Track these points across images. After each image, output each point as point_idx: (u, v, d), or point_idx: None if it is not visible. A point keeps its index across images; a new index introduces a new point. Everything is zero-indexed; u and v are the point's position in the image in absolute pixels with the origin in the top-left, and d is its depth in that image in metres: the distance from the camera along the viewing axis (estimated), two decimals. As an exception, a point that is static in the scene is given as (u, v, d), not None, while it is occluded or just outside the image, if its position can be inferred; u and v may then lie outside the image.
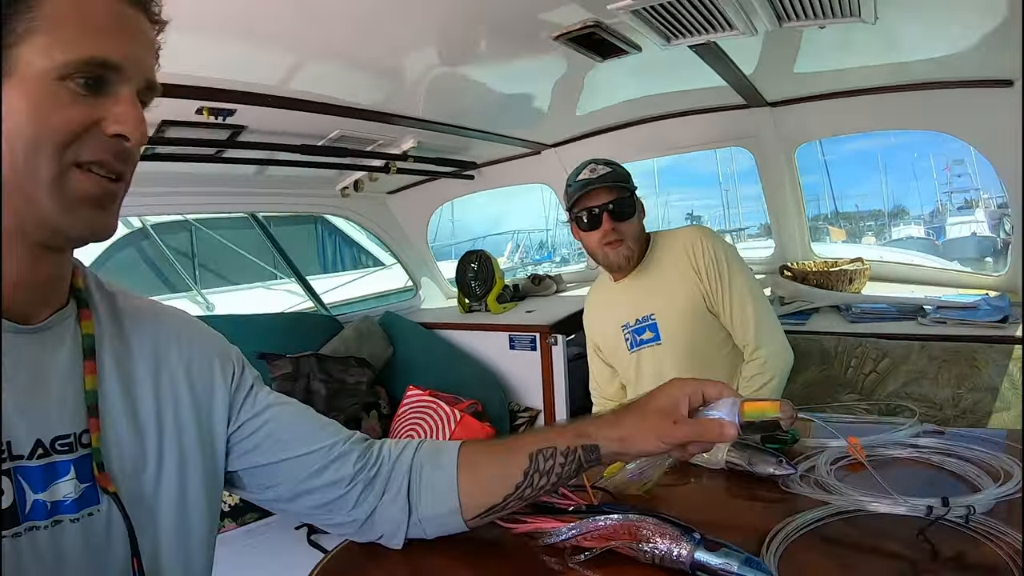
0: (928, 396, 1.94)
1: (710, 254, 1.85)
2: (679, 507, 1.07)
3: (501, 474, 0.92)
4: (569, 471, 0.90)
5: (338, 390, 2.98)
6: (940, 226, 7.01)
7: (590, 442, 0.89)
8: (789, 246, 3.12)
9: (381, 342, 3.43)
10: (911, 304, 2.37)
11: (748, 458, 1.10)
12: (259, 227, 3.65)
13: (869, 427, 1.31)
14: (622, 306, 1.98)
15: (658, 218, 9.21)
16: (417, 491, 0.93)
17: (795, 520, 0.92)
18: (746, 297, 1.83)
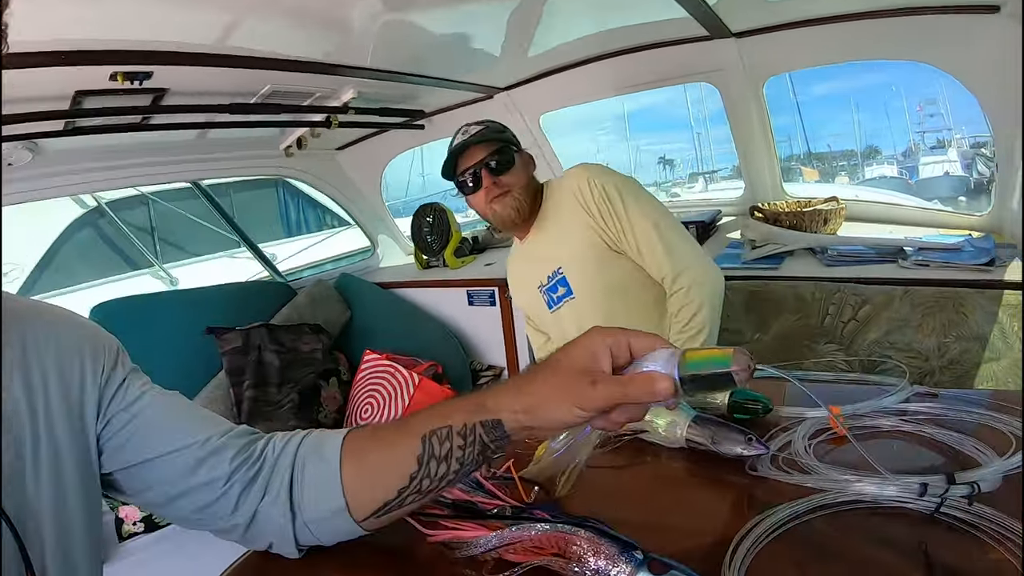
0: (912, 346, 1.78)
1: (599, 191, 1.70)
2: (628, 498, 0.90)
3: (391, 463, 0.76)
4: (472, 455, 0.74)
5: (292, 360, 2.87)
6: (913, 166, 6.95)
7: (490, 416, 0.72)
8: (759, 186, 2.94)
9: (337, 306, 3.30)
10: (891, 246, 2.20)
11: (711, 435, 0.93)
12: (204, 196, 3.43)
13: (852, 389, 1.15)
14: (534, 266, 1.87)
15: (629, 163, 9.03)
16: (300, 490, 0.80)
17: (767, 518, 0.75)
18: (648, 228, 1.67)
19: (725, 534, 0.73)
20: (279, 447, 0.82)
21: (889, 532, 0.72)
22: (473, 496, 0.88)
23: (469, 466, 0.75)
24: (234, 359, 2.75)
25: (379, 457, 0.78)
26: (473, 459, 0.74)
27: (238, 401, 2.69)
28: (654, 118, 10.86)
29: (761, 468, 0.86)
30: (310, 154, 3.16)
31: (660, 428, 0.98)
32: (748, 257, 2.37)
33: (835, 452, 0.91)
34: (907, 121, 7.82)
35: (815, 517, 0.76)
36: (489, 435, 0.72)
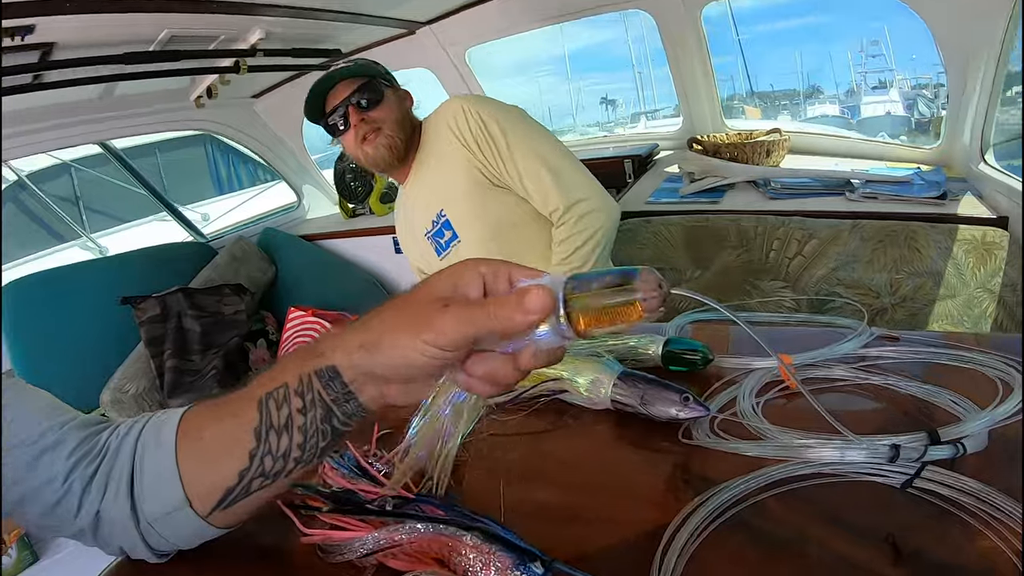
0: (862, 282, 1.66)
1: (475, 121, 1.52)
2: (541, 475, 0.73)
3: (228, 441, 0.59)
4: (316, 419, 0.56)
5: (214, 324, 2.70)
6: (855, 105, 6.97)
7: (324, 363, 0.54)
8: (699, 118, 2.80)
9: (260, 263, 3.11)
10: (837, 178, 2.08)
11: (640, 395, 0.76)
12: (115, 158, 3.17)
13: (802, 333, 1.01)
14: (418, 212, 1.70)
15: (571, 104, 8.85)
16: (140, 483, 0.63)
17: (707, 500, 0.59)
18: (532, 159, 1.51)
19: (657, 523, 0.58)
20: (122, 434, 0.65)
21: (853, 514, 0.58)
22: (357, 484, 0.71)
23: (316, 439, 0.57)
24: (152, 328, 2.58)
25: (215, 434, 0.61)
26: (317, 427, 0.56)
27: (160, 373, 2.53)
28: (595, 58, 10.66)
29: (698, 433, 0.71)
30: (224, 104, 2.93)
31: (581, 387, 0.82)
32: (687, 191, 2.23)
33: (787, 409, 0.77)
34: (849, 61, 7.84)
35: (766, 497, 0.61)
36: (328, 390, 0.54)
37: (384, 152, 1.55)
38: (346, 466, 0.74)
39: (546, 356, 0.49)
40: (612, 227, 1.55)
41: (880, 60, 7.57)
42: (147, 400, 2.44)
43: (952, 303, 1.59)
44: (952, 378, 0.76)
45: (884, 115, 6.65)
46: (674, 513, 0.59)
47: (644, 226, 1.95)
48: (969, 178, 1.92)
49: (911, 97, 6.01)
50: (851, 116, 6.87)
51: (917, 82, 5.99)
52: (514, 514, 0.65)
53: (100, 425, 0.67)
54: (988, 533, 0.52)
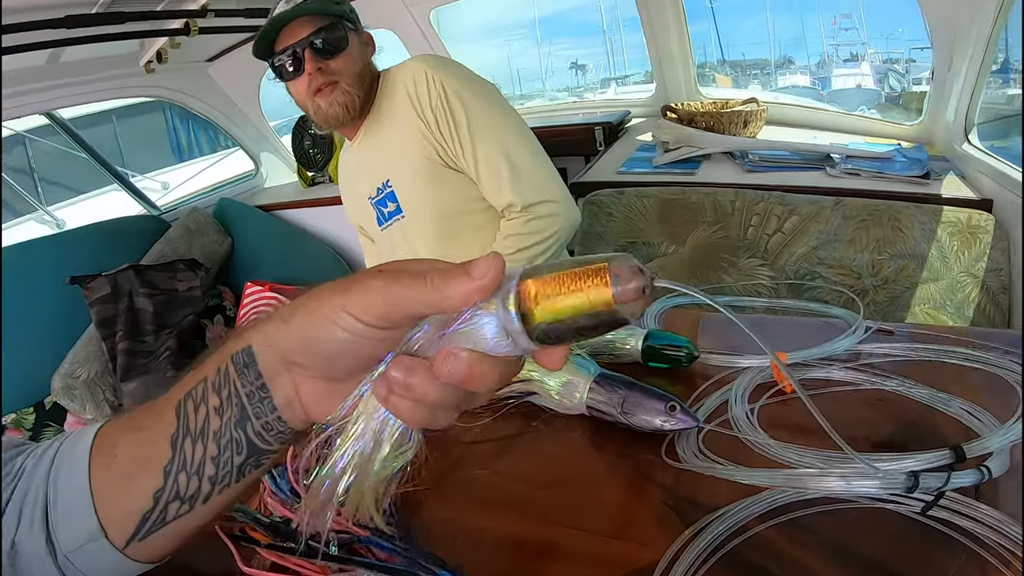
0: (843, 262, 1.59)
1: (437, 92, 1.35)
2: (505, 495, 0.64)
3: (143, 454, 0.48)
4: (231, 422, 0.45)
5: (167, 302, 2.56)
6: (826, 76, 6.95)
7: (241, 344, 0.44)
8: (673, 84, 2.70)
9: (216, 236, 2.95)
10: (816, 152, 2.01)
11: (620, 402, 0.68)
12: (62, 129, 2.98)
13: (794, 323, 0.94)
14: (363, 175, 1.52)
15: (541, 68, 8.68)
16: (54, 510, 0.51)
17: (701, 531, 0.52)
18: (493, 146, 1.35)
19: (643, 561, 0.50)
20: (38, 455, 0.54)
21: (864, 545, 0.51)
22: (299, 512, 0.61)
23: (231, 451, 0.46)
24: (103, 309, 2.43)
25: (129, 448, 0.49)
26: (231, 435, 0.46)
27: (112, 356, 2.38)
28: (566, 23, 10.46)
29: (685, 451, 0.62)
30: (176, 69, 2.76)
31: (552, 390, 0.73)
32: (660, 161, 2.14)
33: (783, 415, 0.69)
34: (822, 33, 7.81)
35: (766, 527, 0.53)
36: (243, 379, 0.44)
37: (339, 110, 1.38)
38: (284, 491, 0.65)
39: (478, 366, 0.36)
40: (568, 233, 1.42)
41: (852, 33, 7.56)
42: (100, 385, 2.31)
43: (935, 287, 1.53)
44: (958, 380, 0.70)
45: (855, 88, 6.65)
46: (662, 548, 0.51)
47: (616, 198, 1.85)
48: (951, 157, 1.86)
49: (882, 71, 6.02)
50: (822, 87, 6.86)
51: (888, 56, 5.99)
52: (478, 550, 0.57)
53: (18, 448, 0.56)
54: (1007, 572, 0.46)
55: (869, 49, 6.69)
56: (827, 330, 0.83)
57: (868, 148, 2.02)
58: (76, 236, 2.77)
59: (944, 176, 1.72)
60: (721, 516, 0.53)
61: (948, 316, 1.52)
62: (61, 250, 2.60)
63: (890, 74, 5.57)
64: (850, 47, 7.19)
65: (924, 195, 1.63)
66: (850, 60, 7.00)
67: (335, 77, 1.35)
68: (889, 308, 1.56)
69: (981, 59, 1.65)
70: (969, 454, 0.53)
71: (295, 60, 1.34)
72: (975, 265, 1.50)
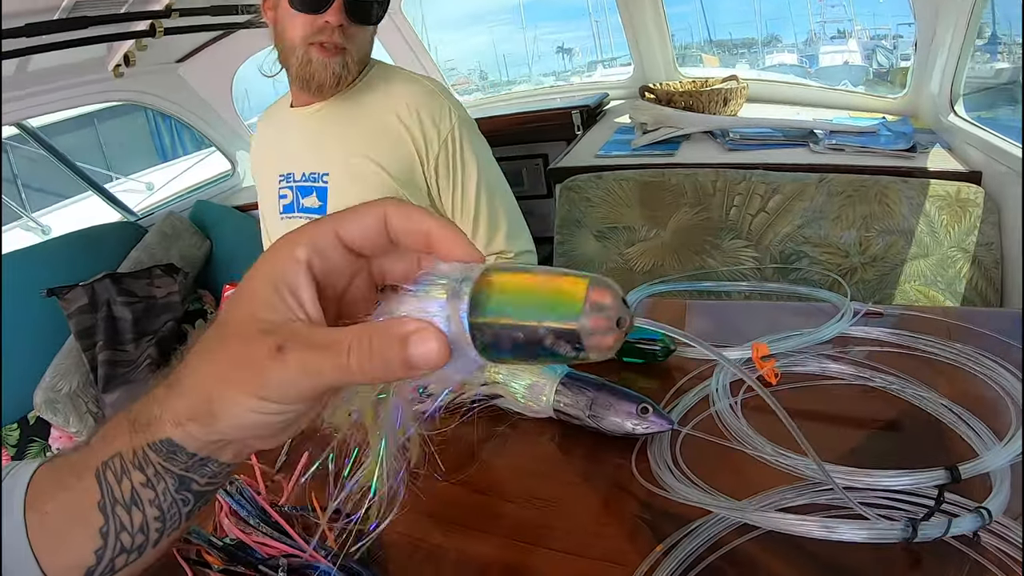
0: (830, 240, 1.54)
1: (447, 129, 1.25)
2: (467, 507, 0.59)
3: (73, 517, 0.44)
4: (169, 490, 0.40)
5: (146, 309, 2.49)
6: (813, 54, 6.92)
7: (155, 437, 0.38)
8: (651, 64, 2.64)
9: (193, 239, 2.89)
10: (800, 128, 1.96)
11: (588, 404, 0.63)
12: (32, 138, 2.93)
13: (779, 308, 0.89)
14: (290, 146, 1.34)
15: (527, 53, 8.65)
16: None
17: (675, 546, 0.47)
18: (479, 191, 1.28)
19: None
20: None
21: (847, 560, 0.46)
22: (252, 535, 0.58)
23: (177, 508, 0.42)
24: (82, 320, 2.37)
25: (58, 507, 0.45)
26: (172, 498, 0.41)
27: (93, 367, 2.33)
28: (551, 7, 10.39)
29: (657, 462, 0.57)
30: (145, 71, 2.65)
31: (517, 393, 0.68)
32: (639, 143, 2.08)
33: (765, 407, 0.64)
34: (808, 10, 7.79)
35: (744, 540, 0.48)
36: (173, 463, 0.39)
37: (331, 78, 1.21)
38: (246, 507, 0.60)
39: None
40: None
41: (839, 10, 7.54)
42: (82, 397, 2.26)
43: (925, 263, 1.48)
44: (949, 377, 0.65)
45: (842, 65, 6.64)
46: (633, 565, 0.47)
47: (595, 182, 1.80)
48: (937, 129, 1.81)
49: (870, 47, 6.01)
50: (809, 65, 6.84)
51: (876, 32, 5.98)
52: (437, 570, 0.52)
53: None
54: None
55: (856, 25, 6.66)
56: (814, 314, 0.78)
57: (852, 123, 1.98)
58: (52, 247, 2.71)
59: (931, 149, 1.67)
60: (696, 530, 0.48)
61: (939, 292, 1.48)
62: (37, 262, 2.53)
63: (878, 50, 5.55)
64: (837, 24, 7.17)
65: (910, 169, 1.58)
66: (837, 37, 6.97)
67: (347, 44, 1.20)
68: (878, 286, 1.51)
69: (965, 29, 1.60)
70: (965, 475, 0.49)
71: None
72: (966, 239, 1.45)
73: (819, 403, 0.66)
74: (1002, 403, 0.59)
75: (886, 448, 0.59)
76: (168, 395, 0.37)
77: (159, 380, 0.39)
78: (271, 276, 0.34)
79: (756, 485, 0.52)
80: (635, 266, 1.75)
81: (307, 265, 0.34)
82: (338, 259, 0.35)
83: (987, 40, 2.27)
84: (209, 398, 0.35)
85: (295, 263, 0.34)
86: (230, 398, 0.34)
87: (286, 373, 0.32)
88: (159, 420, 0.38)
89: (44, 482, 0.46)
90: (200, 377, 0.36)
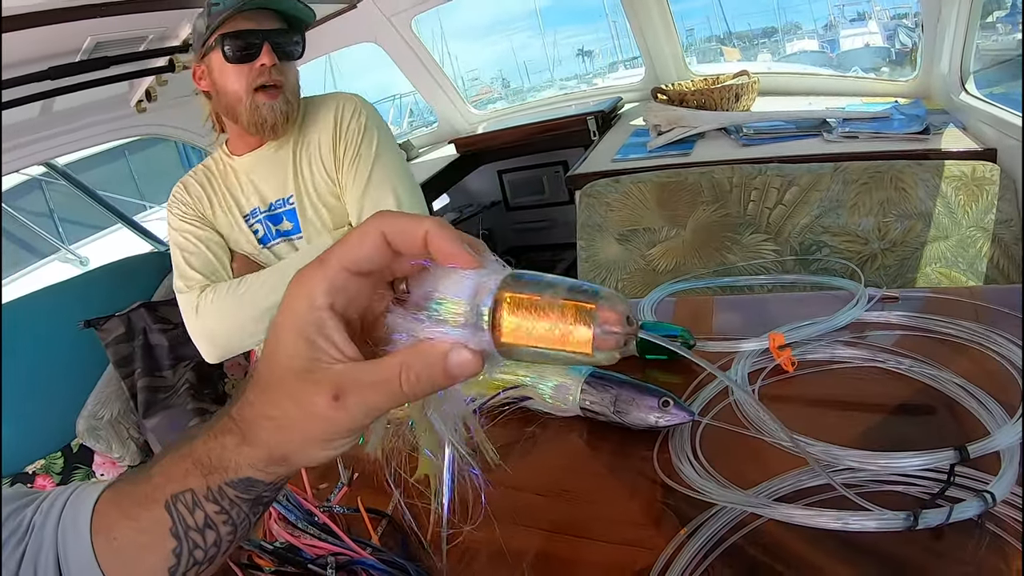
0: (848, 228, 1.55)
1: (359, 122, 1.39)
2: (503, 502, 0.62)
3: (144, 544, 0.48)
4: (243, 513, 0.46)
5: (181, 335, 2.51)
6: (834, 39, 6.85)
7: (236, 476, 0.43)
8: (661, 66, 2.66)
9: (224, 265, 2.93)
10: (812, 119, 1.97)
11: (612, 400, 0.66)
12: (62, 176, 3.08)
13: (795, 298, 0.91)
14: (242, 188, 1.45)
15: (547, 58, 8.69)
16: (67, 571, 0.51)
17: (698, 529, 0.50)
18: (384, 187, 1.38)
19: (641, 564, 0.48)
20: (44, 511, 0.54)
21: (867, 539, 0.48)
22: (301, 538, 0.62)
23: (248, 519, 0.47)
24: (120, 349, 2.42)
25: (128, 536, 0.49)
26: (246, 515, 0.46)
27: (132, 394, 2.39)
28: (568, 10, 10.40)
29: (678, 452, 0.60)
30: (167, 105, 2.72)
31: (546, 394, 0.71)
32: (654, 145, 2.10)
33: (782, 394, 0.67)
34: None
35: (765, 521, 0.51)
36: (250, 492, 0.44)
37: (279, 117, 1.33)
38: (294, 512, 0.65)
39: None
40: None
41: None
42: (123, 423, 2.33)
43: (945, 244, 1.48)
44: (962, 352, 0.67)
45: (863, 47, 6.54)
46: (660, 549, 0.49)
47: (613, 186, 1.82)
48: (950, 109, 1.80)
49: (891, 28, 5.91)
50: (831, 50, 6.75)
51: (896, 12, 5.88)
52: (474, 561, 0.55)
53: (25, 500, 0.56)
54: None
55: (875, 6, 6.57)
56: (833, 303, 0.80)
57: (865, 109, 1.98)
58: (86, 280, 2.78)
59: (944, 130, 1.67)
60: (718, 513, 0.51)
61: (961, 273, 1.48)
62: (74, 295, 2.60)
63: (899, 30, 5.47)
64: (855, 6, 7.08)
65: (924, 151, 1.58)
66: (857, 20, 6.89)
67: (281, 81, 1.32)
68: (900, 271, 1.51)
69: (970, 5, 1.60)
70: (974, 453, 0.51)
71: (249, 45, 1.29)
72: (984, 218, 1.46)
73: (835, 388, 0.68)
74: (1014, 380, 0.61)
75: (900, 429, 0.61)
76: (241, 446, 0.41)
77: (217, 423, 0.43)
78: (300, 329, 0.36)
79: (773, 470, 0.55)
80: (658, 266, 1.78)
81: (330, 309, 0.36)
82: (354, 289, 0.37)
83: (1007, 11, 2.26)
84: (284, 454, 0.40)
85: (319, 311, 0.36)
86: (304, 451, 0.39)
87: (349, 418, 0.35)
88: (237, 465, 0.42)
89: (108, 511, 0.51)
90: (269, 435, 0.39)
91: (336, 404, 0.35)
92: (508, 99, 5.48)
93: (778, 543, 0.50)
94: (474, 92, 7.12)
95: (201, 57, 1.34)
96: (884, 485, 0.52)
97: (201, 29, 1.33)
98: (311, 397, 0.35)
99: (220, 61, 1.31)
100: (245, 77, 1.30)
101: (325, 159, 1.40)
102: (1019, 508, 0.47)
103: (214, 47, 1.30)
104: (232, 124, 1.41)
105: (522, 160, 2.98)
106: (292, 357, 0.36)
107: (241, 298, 1.31)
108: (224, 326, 1.32)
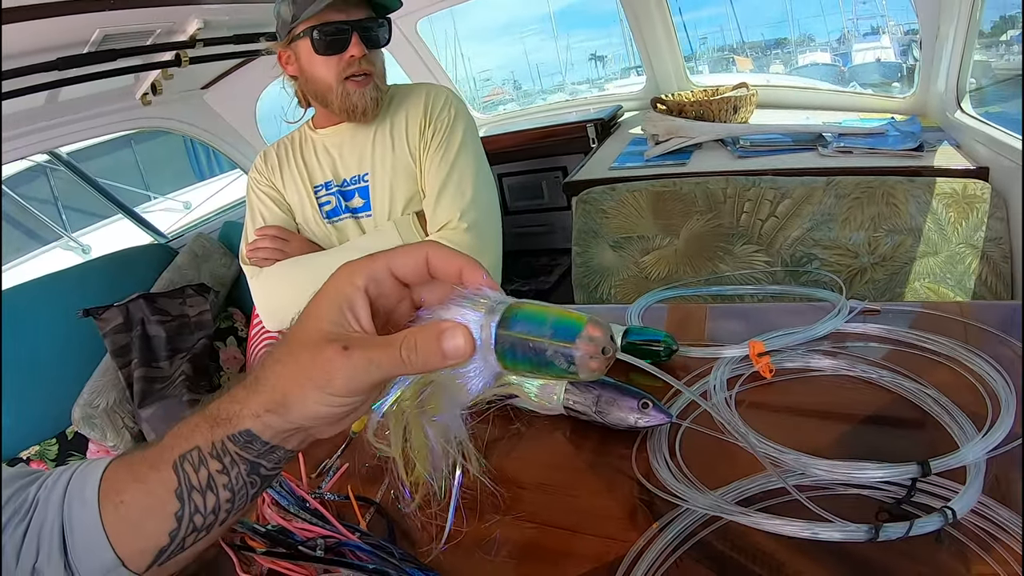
0: (839, 241, 1.58)
1: (448, 115, 1.42)
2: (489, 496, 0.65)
3: (150, 504, 0.52)
4: (241, 476, 0.49)
5: (179, 327, 2.58)
6: (847, 52, 6.87)
7: (233, 429, 0.47)
8: (662, 76, 2.69)
9: (223, 259, 2.95)
10: (808, 133, 1.99)
11: (595, 400, 0.69)
12: (64, 165, 3.08)
13: (778, 308, 0.93)
14: (320, 160, 1.48)
15: (559, 63, 8.70)
16: (72, 541, 0.55)
17: (669, 524, 0.52)
18: (450, 167, 1.39)
19: (614, 555, 0.51)
20: (49, 486, 0.58)
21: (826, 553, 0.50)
22: (293, 521, 0.65)
23: (245, 490, 0.51)
24: (117, 339, 2.45)
25: (135, 498, 0.54)
26: (244, 481, 0.50)
27: (128, 383, 2.41)
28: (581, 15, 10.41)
29: (655, 454, 0.62)
30: (172, 99, 2.77)
31: (531, 393, 0.74)
32: (651, 154, 2.12)
33: (759, 405, 0.69)
34: (840, 9, 7.71)
35: (727, 522, 0.53)
36: (248, 451, 0.48)
37: (370, 104, 1.37)
38: (287, 497, 0.68)
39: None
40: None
41: (872, 7, 7.45)
42: (119, 412, 2.34)
43: (934, 260, 1.51)
44: (938, 370, 0.69)
45: (875, 62, 6.55)
46: (631, 541, 0.52)
47: (609, 194, 1.85)
48: (945, 127, 1.83)
49: (905, 43, 5.93)
50: (843, 63, 6.76)
51: (910, 28, 5.91)
52: (456, 549, 0.57)
53: (29, 478, 0.60)
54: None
55: (889, 21, 6.58)
56: (818, 314, 0.83)
57: (861, 124, 2.00)
58: (86, 269, 2.79)
59: (938, 147, 1.69)
60: (688, 509, 0.53)
61: (949, 289, 1.50)
62: (72, 284, 2.61)
63: (913, 45, 5.49)
64: (870, 20, 7.10)
65: (917, 168, 1.60)
66: (870, 34, 6.90)
67: (370, 70, 1.35)
68: (888, 285, 1.54)
69: (967, 24, 1.63)
70: (940, 467, 0.53)
71: (339, 35, 1.31)
72: (974, 235, 1.48)
73: (811, 396, 0.70)
74: (986, 395, 0.63)
75: (872, 439, 0.63)
76: (247, 394, 0.46)
77: (236, 385, 0.48)
78: (335, 297, 0.43)
79: (743, 471, 0.57)
80: (651, 274, 1.80)
81: (364, 290, 0.43)
82: (389, 287, 0.44)
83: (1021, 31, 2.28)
84: (284, 393, 0.44)
85: (355, 288, 0.43)
86: (303, 393, 0.43)
87: (351, 366, 0.40)
88: (239, 415, 0.46)
89: (118, 475, 0.54)
90: (276, 378, 0.44)
91: (343, 352, 0.41)
92: (519, 101, 5.50)
93: (745, 539, 0.52)
94: (486, 93, 7.14)
95: (288, 43, 1.37)
96: (852, 489, 0.54)
97: (286, 16, 1.34)
98: (324, 347, 0.41)
99: (308, 50, 1.33)
100: (335, 67, 1.34)
101: (411, 139, 1.43)
102: (984, 516, 0.49)
103: (302, 36, 1.32)
104: (320, 107, 1.45)
105: (522, 165, 3.01)
106: (321, 319, 0.43)
107: (300, 272, 1.38)
108: (278, 296, 1.43)
